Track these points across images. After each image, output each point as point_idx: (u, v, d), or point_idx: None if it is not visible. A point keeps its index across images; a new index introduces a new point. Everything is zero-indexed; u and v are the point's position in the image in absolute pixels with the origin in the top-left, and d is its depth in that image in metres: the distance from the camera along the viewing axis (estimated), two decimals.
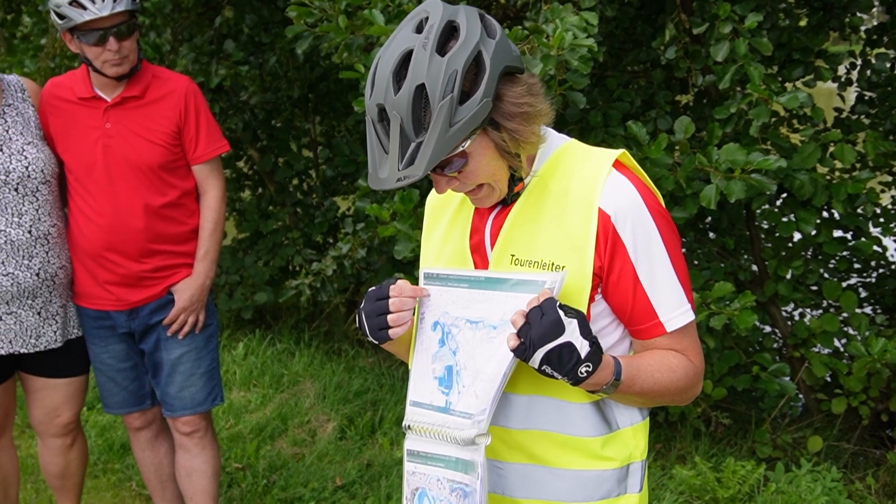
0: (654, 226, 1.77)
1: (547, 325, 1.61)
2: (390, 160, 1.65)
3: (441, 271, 1.85)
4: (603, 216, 1.74)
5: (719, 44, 3.49)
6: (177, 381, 3.44)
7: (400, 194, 3.90)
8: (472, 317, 1.77)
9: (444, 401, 1.80)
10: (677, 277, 1.79)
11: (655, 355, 1.80)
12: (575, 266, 1.74)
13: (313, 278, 4.89)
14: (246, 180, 6.99)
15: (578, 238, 1.75)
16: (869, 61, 4.97)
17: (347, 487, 4.34)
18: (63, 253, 3.33)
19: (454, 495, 1.77)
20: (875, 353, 3.85)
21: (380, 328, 1.81)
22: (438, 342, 1.83)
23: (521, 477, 1.87)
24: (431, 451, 1.81)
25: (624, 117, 4.17)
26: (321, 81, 6.41)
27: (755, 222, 4.60)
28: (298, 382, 5.57)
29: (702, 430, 4.62)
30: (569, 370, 1.63)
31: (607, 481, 1.85)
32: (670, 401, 1.87)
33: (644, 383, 1.77)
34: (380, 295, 1.82)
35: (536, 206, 1.81)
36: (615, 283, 1.77)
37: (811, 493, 3.84)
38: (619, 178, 1.78)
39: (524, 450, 1.85)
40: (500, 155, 1.73)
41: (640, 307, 1.78)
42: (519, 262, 1.79)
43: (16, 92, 3.29)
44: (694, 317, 1.83)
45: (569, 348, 1.61)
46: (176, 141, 3.33)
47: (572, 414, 1.82)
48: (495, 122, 1.68)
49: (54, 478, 3.68)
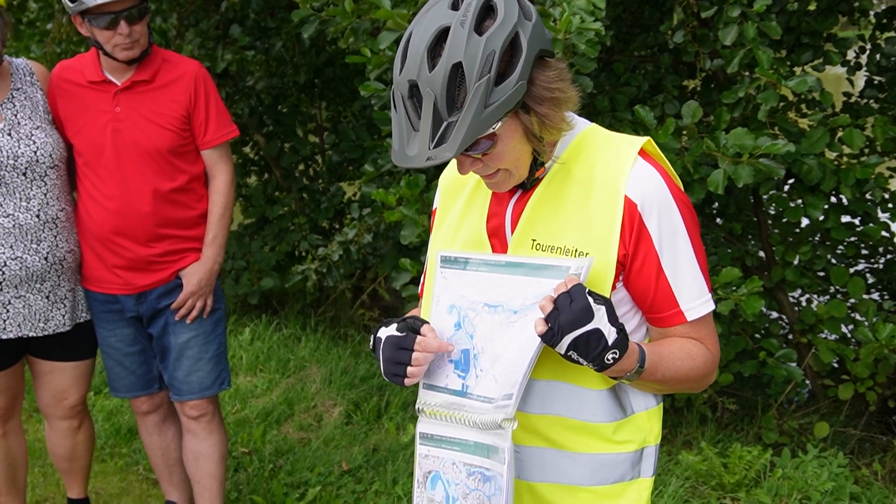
0: (679, 215, 1.77)
1: (576, 312, 1.60)
2: (420, 138, 1.62)
3: (459, 254, 1.84)
4: (629, 204, 1.74)
5: (728, 27, 3.47)
6: (184, 365, 3.45)
7: (406, 179, 3.90)
8: (491, 301, 1.76)
9: (461, 384, 1.79)
10: (699, 267, 1.80)
11: (676, 343, 1.81)
12: (599, 253, 1.74)
13: (319, 263, 4.89)
14: (252, 166, 6.99)
15: (603, 225, 1.74)
16: (878, 45, 4.94)
17: (353, 472, 4.35)
18: (72, 237, 3.34)
19: (472, 479, 1.76)
20: (882, 338, 3.84)
21: (396, 374, 1.80)
22: (454, 325, 1.81)
23: (537, 460, 1.87)
24: (446, 434, 1.80)
25: (631, 102, 4.15)
26: (327, 66, 6.39)
27: (763, 207, 4.58)
28: (305, 367, 5.58)
29: (708, 415, 4.62)
30: (595, 356, 1.63)
31: (622, 465, 1.86)
32: (688, 388, 1.88)
33: (666, 371, 1.77)
34: (403, 345, 1.78)
35: (559, 192, 1.80)
36: (638, 272, 1.77)
37: (817, 479, 3.84)
38: (646, 166, 1.77)
39: (541, 434, 1.85)
40: (528, 139, 1.71)
41: (661, 296, 1.78)
42: (540, 247, 1.78)
43: (24, 76, 3.28)
44: (714, 307, 1.84)
45: (597, 335, 1.61)
46: (185, 125, 3.33)
47: (589, 400, 1.82)
48: (526, 105, 1.67)
49: (62, 460, 3.70)
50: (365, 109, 6.03)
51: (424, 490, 1.85)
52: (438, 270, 1.86)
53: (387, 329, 1.84)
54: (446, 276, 1.84)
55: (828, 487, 3.79)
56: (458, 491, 1.79)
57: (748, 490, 3.94)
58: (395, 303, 6.50)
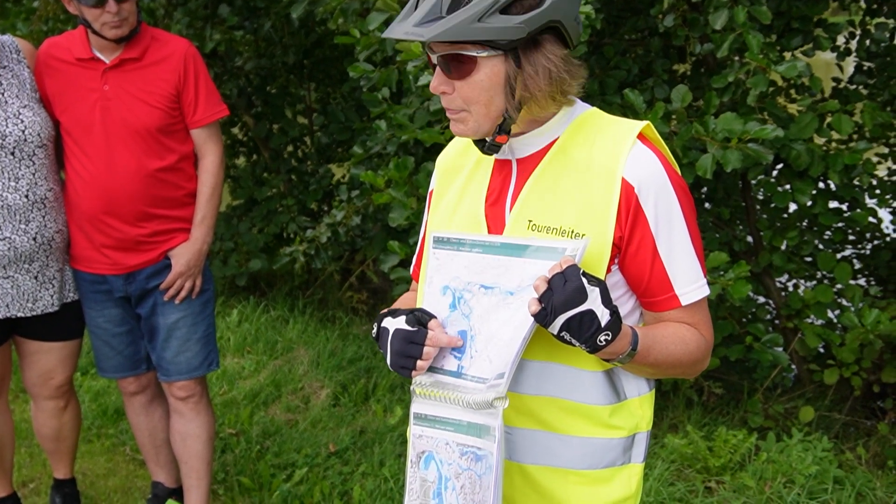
0: (675, 199, 1.77)
1: (570, 292, 1.60)
2: (413, 18, 1.68)
3: (452, 235, 1.83)
4: (626, 186, 1.74)
5: (718, 12, 3.46)
6: (173, 345, 3.44)
7: (395, 161, 3.89)
8: (487, 282, 1.76)
9: (457, 365, 1.79)
10: (695, 251, 1.80)
11: (670, 328, 1.81)
12: (595, 234, 1.74)
13: (307, 245, 4.88)
14: (240, 147, 6.97)
15: (600, 207, 1.74)
16: (868, 31, 4.95)
17: (340, 454, 4.36)
18: (60, 217, 3.32)
19: (465, 458, 1.76)
20: (868, 324, 3.87)
21: (403, 366, 1.80)
22: (449, 306, 1.81)
23: (529, 442, 1.87)
24: (440, 414, 1.80)
25: (621, 85, 4.15)
26: (316, 47, 6.37)
27: (751, 192, 4.59)
28: (292, 349, 5.58)
29: (694, 399, 4.64)
30: (588, 337, 1.63)
31: (613, 450, 1.86)
32: (680, 373, 1.88)
33: (658, 355, 1.77)
34: (413, 339, 1.78)
35: (557, 173, 1.80)
36: (634, 254, 1.77)
37: (802, 463, 3.87)
38: (644, 149, 1.77)
39: (533, 415, 1.85)
40: (504, 92, 1.73)
41: (657, 279, 1.78)
42: (536, 227, 1.78)
43: (11, 53, 3.25)
44: (709, 291, 1.84)
45: (590, 316, 1.61)
46: (174, 104, 3.31)
47: (584, 382, 1.82)
48: (519, 59, 1.70)
49: (48, 440, 3.70)
50: (354, 91, 6.02)
51: (418, 470, 1.85)
52: (431, 251, 1.86)
53: (394, 321, 1.83)
54: (439, 257, 1.84)
55: (812, 471, 3.82)
56: (450, 471, 1.79)
57: (733, 473, 3.97)
58: (384, 285, 6.50)
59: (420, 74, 3.62)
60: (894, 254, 5.20)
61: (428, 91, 3.76)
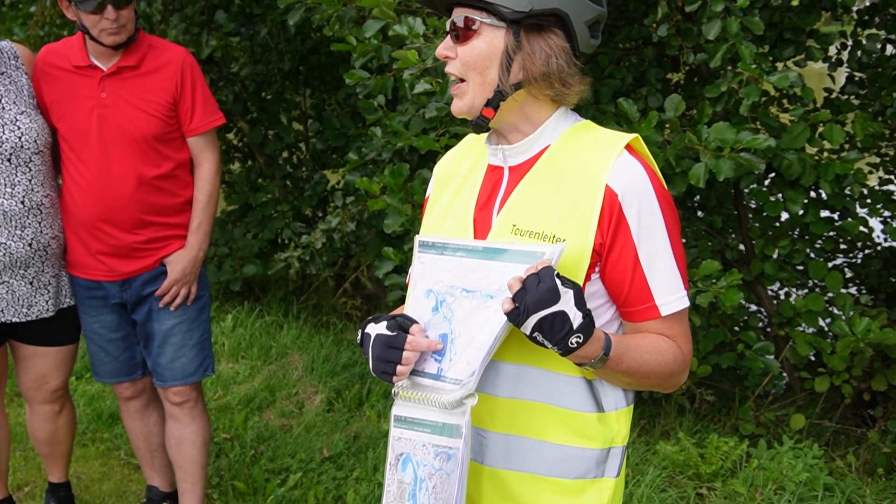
0: (659, 210, 1.79)
1: (543, 292, 1.61)
2: None
3: (436, 240, 1.86)
4: (610, 193, 1.76)
5: (711, 22, 3.49)
6: (168, 351, 3.45)
7: (390, 168, 3.91)
8: (469, 286, 1.78)
9: (437, 368, 1.81)
10: (676, 263, 1.81)
11: (646, 338, 1.82)
12: (575, 240, 1.76)
13: (302, 251, 4.90)
14: (235, 152, 6.98)
15: (582, 212, 1.76)
16: (860, 42, 4.98)
17: (335, 459, 4.37)
18: (56, 223, 3.33)
19: (438, 459, 1.78)
20: (859, 332, 3.89)
21: (385, 371, 1.81)
22: (432, 310, 1.84)
23: (502, 447, 1.88)
24: (418, 416, 1.82)
25: (615, 94, 4.17)
26: (312, 54, 6.38)
27: (743, 201, 4.62)
28: (286, 355, 5.60)
29: (686, 406, 4.67)
30: (560, 339, 1.64)
31: (587, 461, 1.86)
32: (655, 385, 1.87)
33: (632, 363, 1.77)
34: (393, 344, 1.79)
35: (544, 178, 1.83)
36: (615, 262, 1.78)
37: (792, 470, 3.89)
38: (630, 159, 1.80)
39: (508, 419, 1.86)
40: (500, 64, 1.79)
41: (637, 288, 1.80)
42: (520, 231, 1.80)
43: (9, 59, 3.26)
44: (688, 304, 1.85)
45: (562, 317, 1.62)
46: (171, 112, 3.32)
47: (562, 386, 1.83)
48: (520, 39, 1.77)
49: (43, 444, 3.70)
50: (350, 98, 6.03)
51: (396, 472, 1.86)
52: (416, 255, 1.89)
53: (376, 326, 1.84)
54: (424, 260, 1.87)
55: (802, 478, 3.84)
56: (424, 472, 1.81)
57: (724, 480, 3.99)
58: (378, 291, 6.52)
59: (416, 82, 3.65)
60: (885, 263, 5.24)
61: (423, 99, 3.79)
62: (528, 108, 1.84)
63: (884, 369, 4.37)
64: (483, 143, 1.97)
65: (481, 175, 1.94)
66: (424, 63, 3.54)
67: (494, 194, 1.89)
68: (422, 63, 3.54)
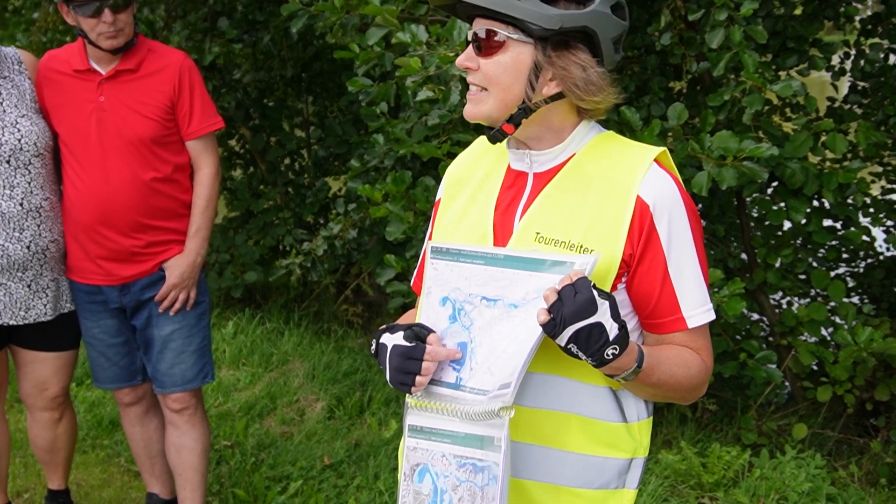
0: (688, 223, 1.79)
1: (580, 304, 1.59)
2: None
3: (451, 246, 1.82)
4: (641, 205, 1.75)
5: (714, 31, 3.49)
6: (168, 357, 3.44)
7: (392, 175, 3.91)
8: (490, 294, 1.75)
9: (455, 377, 1.77)
10: (702, 276, 1.81)
11: (674, 350, 1.81)
12: (605, 250, 1.74)
13: (304, 258, 4.89)
14: (237, 159, 6.99)
15: (612, 223, 1.75)
16: (863, 51, 4.98)
17: (335, 466, 4.36)
18: (56, 227, 3.33)
19: (462, 470, 1.75)
20: (861, 342, 3.88)
21: (403, 383, 1.79)
22: (449, 318, 1.80)
23: (523, 456, 1.86)
24: (437, 426, 1.78)
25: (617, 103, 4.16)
26: (315, 61, 6.40)
27: (746, 210, 4.62)
28: (287, 362, 5.58)
29: (688, 415, 4.65)
30: (595, 351, 1.62)
31: (609, 471, 1.85)
32: (679, 397, 1.86)
33: (662, 375, 1.76)
34: (412, 355, 1.76)
35: (569, 188, 1.81)
36: (644, 273, 1.77)
37: (795, 480, 3.88)
38: (661, 171, 1.79)
39: (531, 429, 1.84)
40: (526, 80, 1.77)
41: (665, 300, 1.79)
42: (543, 239, 1.79)
43: (13, 64, 3.28)
44: (714, 316, 1.84)
45: (599, 328, 1.60)
46: (170, 116, 3.32)
47: (587, 395, 1.82)
48: (550, 55, 1.75)
49: (43, 452, 3.69)
50: (352, 105, 6.04)
51: (411, 483, 1.83)
52: (429, 262, 1.84)
53: (392, 336, 1.81)
54: (437, 267, 1.83)
55: (805, 488, 3.83)
56: (447, 483, 1.77)
57: (726, 490, 3.97)
58: (379, 299, 6.51)
59: (418, 89, 3.64)
60: (888, 272, 5.23)
61: (426, 106, 3.79)
62: (552, 119, 1.82)
63: (886, 379, 4.36)
64: (501, 147, 1.94)
65: (500, 179, 1.92)
66: (427, 70, 3.53)
67: (517, 200, 1.87)
68: (424, 70, 3.53)
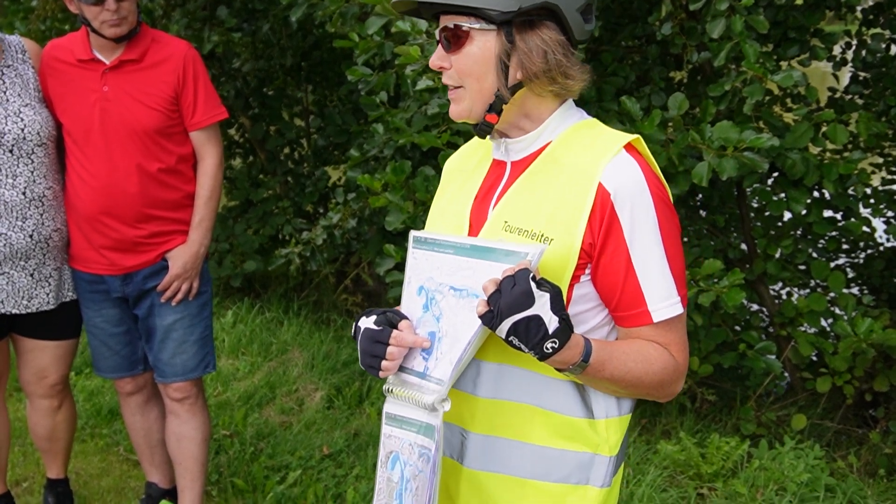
0: (654, 212, 1.71)
1: (516, 295, 1.56)
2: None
3: (429, 235, 1.82)
4: (602, 192, 1.69)
5: (715, 20, 3.48)
6: (169, 347, 3.44)
7: (392, 165, 3.90)
8: (457, 284, 1.74)
9: (424, 366, 1.77)
10: (670, 269, 1.73)
11: (634, 344, 1.75)
12: (563, 238, 1.70)
13: (303, 247, 4.89)
14: (237, 148, 6.98)
15: (572, 210, 1.71)
16: (864, 41, 4.97)
17: (334, 456, 4.36)
18: (59, 216, 3.32)
19: (420, 460, 1.75)
20: (861, 333, 3.88)
21: (371, 366, 1.80)
22: (423, 307, 1.80)
23: (480, 448, 1.84)
24: (406, 415, 1.79)
25: (618, 92, 4.16)
26: (314, 50, 6.38)
27: (746, 200, 4.61)
28: (287, 351, 5.59)
29: (687, 406, 4.66)
30: (535, 344, 1.59)
31: (568, 464, 1.80)
32: (645, 393, 1.80)
33: (615, 370, 1.71)
34: (378, 338, 1.77)
35: (540, 175, 1.79)
36: (606, 264, 1.72)
37: (794, 470, 3.88)
38: (628, 158, 1.73)
39: (489, 420, 1.82)
40: (496, 69, 1.75)
41: (629, 292, 1.72)
42: (510, 228, 1.76)
43: (16, 53, 3.27)
44: (683, 311, 1.77)
45: (536, 321, 1.57)
46: (173, 106, 3.31)
47: (549, 388, 1.78)
48: (513, 38, 1.72)
49: (42, 440, 3.70)
50: (351, 94, 6.03)
51: (385, 470, 1.84)
52: (410, 251, 1.84)
53: (367, 319, 1.82)
54: (417, 256, 1.83)
55: (804, 479, 3.83)
56: (410, 472, 1.78)
57: (725, 480, 3.98)
58: (378, 288, 6.51)
59: (418, 79, 3.64)
60: (888, 263, 5.23)
61: (426, 95, 3.78)
62: (528, 105, 1.80)
63: (886, 370, 4.37)
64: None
65: (485, 169, 1.91)
66: (427, 59, 3.53)
67: (493, 189, 1.86)
68: (424, 59, 3.52)
